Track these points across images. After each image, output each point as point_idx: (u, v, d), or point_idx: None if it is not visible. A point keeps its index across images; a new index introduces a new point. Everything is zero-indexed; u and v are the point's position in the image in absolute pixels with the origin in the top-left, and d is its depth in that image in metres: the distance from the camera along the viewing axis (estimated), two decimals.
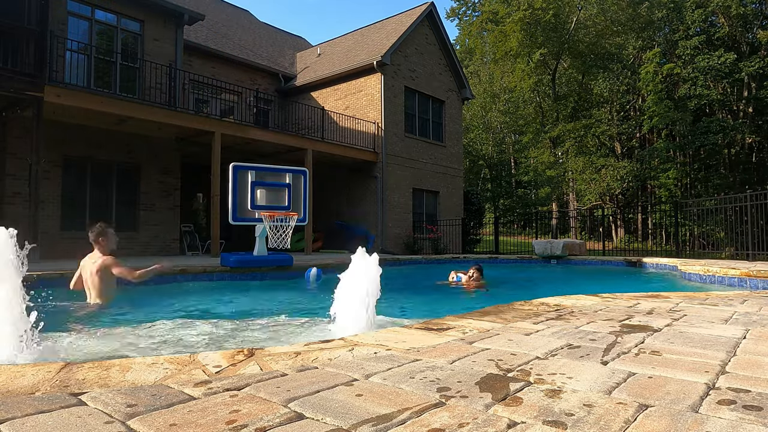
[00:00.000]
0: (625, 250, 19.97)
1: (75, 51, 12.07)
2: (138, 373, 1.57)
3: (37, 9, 9.58)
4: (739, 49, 29.77)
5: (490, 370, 1.57)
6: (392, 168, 17.16)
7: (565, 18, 31.18)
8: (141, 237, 12.85)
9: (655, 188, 31.18)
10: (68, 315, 4.41)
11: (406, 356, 1.78)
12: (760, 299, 3.70)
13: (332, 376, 1.50)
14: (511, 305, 3.21)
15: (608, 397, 1.31)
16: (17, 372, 1.57)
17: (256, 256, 8.44)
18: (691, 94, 28.23)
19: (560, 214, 32.78)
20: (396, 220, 17.20)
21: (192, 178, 16.42)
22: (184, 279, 7.42)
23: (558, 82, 34.00)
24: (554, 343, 2.00)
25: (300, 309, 5.51)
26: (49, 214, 11.12)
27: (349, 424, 1.10)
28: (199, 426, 1.09)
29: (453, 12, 43.40)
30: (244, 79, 18.06)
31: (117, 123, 11.69)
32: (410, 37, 18.09)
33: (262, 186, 8.59)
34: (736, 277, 6.43)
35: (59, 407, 1.20)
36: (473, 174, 41.55)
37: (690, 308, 3.11)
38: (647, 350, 1.89)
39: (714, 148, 28.70)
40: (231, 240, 14.31)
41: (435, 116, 19.40)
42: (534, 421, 1.14)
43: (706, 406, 1.25)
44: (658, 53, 28.77)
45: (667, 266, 9.40)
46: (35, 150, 9.37)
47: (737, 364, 1.68)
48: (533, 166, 34.74)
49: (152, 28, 13.48)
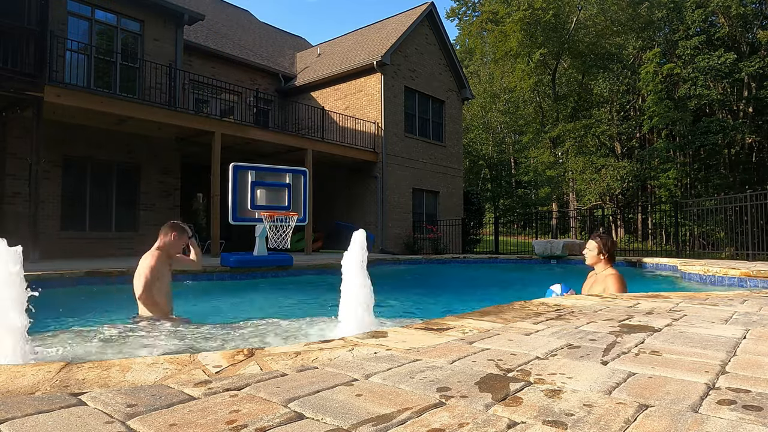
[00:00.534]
0: (625, 250, 19.97)
1: (75, 51, 12.07)
2: (138, 373, 1.57)
3: (37, 9, 9.58)
4: (739, 49, 29.77)
5: (490, 370, 1.57)
6: (392, 168, 17.16)
7: (565, 18, 31.19)
8: (141, 237, 12.80)
9: (655, 188, 31.18)
10: None
11: (406, 356, 1.78)
12: (760, 299, 3.70)
13: (332, 376, 1.50)
14: (511, 305, 3.21)
15: (608, 397, 1.31)
16: (17, 372, 1.57)
17: (256, 256, 8.45)
18: (691, 94, 28.24)
19: (560, 214, 32.79)
20: (396, 220, 17.20)
21: (192, 178, 16.42)
22: (184, 279, 7.41)
23: (558, 82, 34.00)
24: (554, 343, 2.00)
25: (300, 309, 5.51)
26: (48, 214, 11.11)
27: (349, 424, 1.10)
28: (199, 426, 1.09)
29: (453, 12, 43.40)
30: (244, 79, 18.06)
31: (117, 123, 11.69)
32: (410, 37, 18.09)
33: (262, 186, 8.59)
34: (736, 277, 6.43)
35: (59, 407, 1.20)
36: (473, 174, 41.55)
37: (690, 308, 3.11)
38: (647, 350, 1.89)
39: (714, 148, 28.70)
40: (231, 240, 14.31)
41: (435, 116, 19.40)
42: (534, 421, 1.14)
43: (706, 406, 1.25)
44: (658, 53, 28.77)
45: (667, 266, 9.40)
46: (35, 150, 9.37)
47: (737, 364, 1.68)
48: (533, 166, 34.75)
49: (152, 28, 13.48)
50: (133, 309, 4.04)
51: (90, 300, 5.85)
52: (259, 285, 7.82)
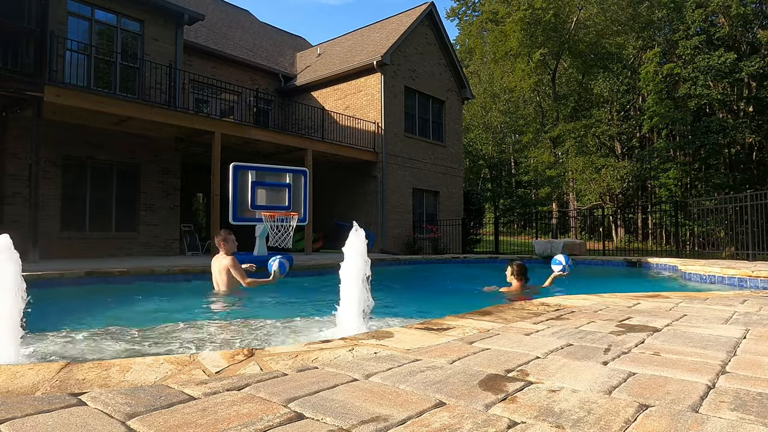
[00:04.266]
0: (625, 250, 19.96)
1: (75, 51, 12.06)
2: (138, 373, 1.57)
3: (37, 9, 9.57)
4: (739, 49, 29.75)
5: (490, 370, 1.57)
6: (392, 168, 17.16)
7: (565, 18, 31.18)
8: (141, 237, 12.85)
9: (656, 188, 31.18)
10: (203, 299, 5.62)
11: (406, 356, 1.78)
12: (760, 299, 3.70)
13: (332, 376, 1.50)
14: (511, 305, 3.21)
15: (608, 397, 1.31)
16: (17, 372, 1.57)
17: (257, 256, 8.45)
18: (692, 93, 28.22)
19: (560, 214, 32.78)
20: (396, 220, 17.19)
21: (192, 178, 16.43)
22: (184, 279, 7.41)
23: (558, 82, 33.99)
24: (554, 343, 2.00)
25: (300, 309, 5.51)
26: (48, 214, 11.11)
27: (349, 424, 1.10)
28: (199, 426, 1.09)
29: (453, 12, 43.45)
30: (244, 79, 18.05)
31: (117, 123, 11.68)
32: (410, 37, 18.09)
33: (263, 186, 8.60)
34: (736, 277, 6.43)
35: (59, 407, 1.20)
36: (473, 174, 41.54)
37: (690, 308, 3.11)
38: (647, 350, 1.89)
39: (714, 147, 28.69)
40: None
41: (435, 116, 19.39)
42: (534, 421, 1.14)
43: (707, 406, 1.25)
44: (658, 53, 28.76)
45: (667, 266, 9.40)
46: (35, 150, 9.36)
47: (737, 364, 1.68)
48: (533, 166, 34.74)
49: (152, 28, 13.47)
50: (132, 308, 4.03)
51: (90, 300, 5.84)
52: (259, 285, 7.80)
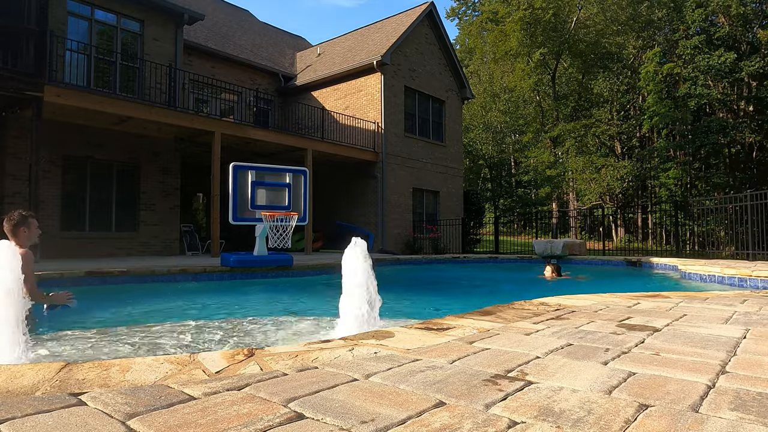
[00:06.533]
0: (625, 250, 19.97)
1: (75, 51, 12.06)
2: (138, 373, 1.57)
3: (36, 9, 9.57)
4: (739, 49, 29.74)
5: (490, 370, 1.57)
6: (392, 168, 17.16)
7: (565, 17, 31.18)
8: (141, 237, 12.85)
9: (656, 188, 31.17)
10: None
11: (406, 356, 1.78)
12: (760, 299, 3.70)
13: (332, 376, 1.50)
14: (511, 305, 3.21)
15: (608, 397, 1.31)
16: (17, 372, 1.57)
17: (257, 256, 8.45)
18: (692, 93, 28.22)
19: (560, 213, 32.77)
20: (396, 219, 17.19)
21: (192, 178, 16.42)
22: (184, 279, 7.41)
23: (558, 82, 33.99)
24: (554, 343, 2.00)
25: (300, 309, 5.51)
26: (48, 214, 11.11)
27: (349, 424, 1.10)
28: (200, 426, 1.09)
29: (453, 12, 43.47)
30: (244, 79, 18.05)
31: (117, 123, 11.68)
32: (410, 36, 18.09)
33: (262, 186, 8.59)
34: (736, 277, 6.43)
35: (59, 407, 1.20)
36: (473, 174, 41.54)
37: (690, 308, 3.11)
38: (647, 350, 1.89)
39: (714, 147, 28.69)
40: (231, 240, 14.31)
41: (435, 116, 19.39)
42: (534, 420, 1.14)
43: (707, 406, 1.25)
44: (658, 53, 28.75)
45: (667, 266, 9.40)
46: (35, 150, 9.36)
47: (737, 364, 1.68)
48: (533, 166, 34.74)
49: (152, 28, 13.47)
50: (132, 308, 4.03)
51: (90, 300, 5.84)
52: (259, 285, 7.82)
